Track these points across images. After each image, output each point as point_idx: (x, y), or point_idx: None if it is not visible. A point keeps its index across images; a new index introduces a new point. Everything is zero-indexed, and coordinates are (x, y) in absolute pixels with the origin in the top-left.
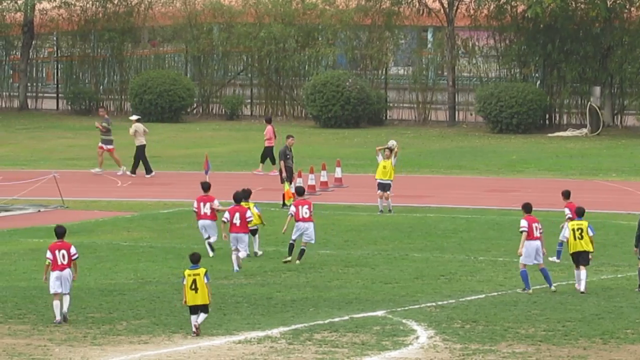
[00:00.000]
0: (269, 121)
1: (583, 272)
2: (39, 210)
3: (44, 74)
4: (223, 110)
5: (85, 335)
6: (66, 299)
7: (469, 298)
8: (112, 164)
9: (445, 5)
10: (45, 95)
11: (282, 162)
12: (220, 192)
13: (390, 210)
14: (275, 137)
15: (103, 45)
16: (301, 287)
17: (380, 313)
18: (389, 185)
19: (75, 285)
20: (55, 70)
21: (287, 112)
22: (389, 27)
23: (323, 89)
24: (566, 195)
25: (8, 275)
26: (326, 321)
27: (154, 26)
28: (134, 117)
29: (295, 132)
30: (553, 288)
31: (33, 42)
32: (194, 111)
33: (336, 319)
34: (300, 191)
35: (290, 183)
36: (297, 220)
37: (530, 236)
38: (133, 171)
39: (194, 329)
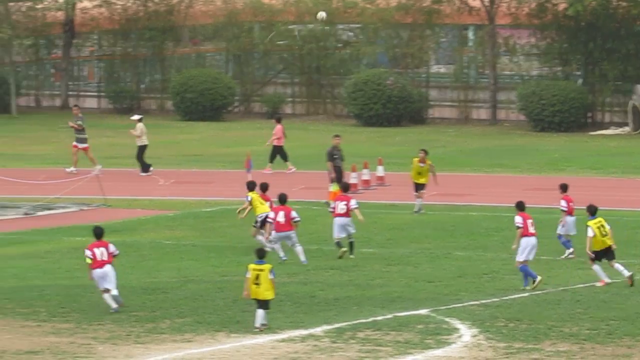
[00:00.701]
0: (278, 120)
1: (617, 264)
2: (82, 209)
3: (85, 73)
4: (264, 108)
5: (128, 334)
6: (107, 297)
7: (512, 296)
8: (88, 163)
9: (486, 4)
10: (87, 94)
11: (329, 163)
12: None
13: (420, 210)
14: (284, 136)
15: (144, 44)
16: (344, 286)
17: (423, 311)
18: (424, 185)
19: (119, 284)
20: (97, 69)
21: (328, 111)
22: (429, 25)
23: (364, 87)
24: (563, 188)
25: (51, 274)
26: (369, 320)
27: (194, 25)
28: (137, 117)
29: (336, 130)
30: (528, 287)
31: (74, 41)
32: (235, 110)
33: (379, 318)
34: (345, 187)
35: (340, 182)
36: (334, 216)
37: (525, 232)
38: (146, 170)
39: (256, 325)
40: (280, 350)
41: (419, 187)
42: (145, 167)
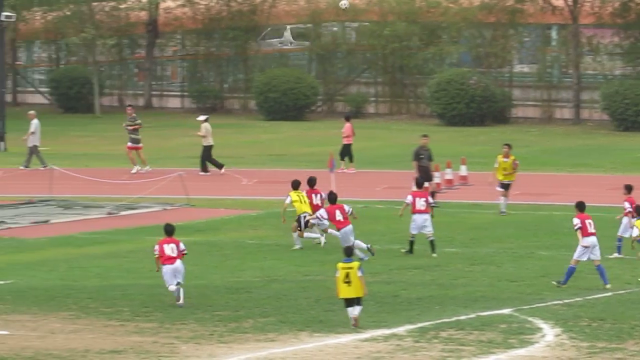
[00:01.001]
0: (347, 119)
1: None
2: (165, 209)
3: (168, 73)
4: (347, 108)
5: (212, 333)
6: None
7: (595, 296)
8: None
9: (570, 3)
10: (170, 93)
11: (415, 162)
12: (345, 190)
13: (504, 211)
14: (353, 134)
15: (227, 44)
16: (427, 285)
17: (506, 311)
18: (509, 185)
19: (201, 284)
20: (180, 69)
21: (411, 111)
22: (513, 24)
23: (447, 86)
24: (628, 189)
25: (135, 273)
26: (452, 319)
27: (277, 24)
28: (202, 117)
29: (419, 130)
30: (608, 286)
31: (157, 41)
32: (318, 109)
33: (462, 317)
34: (419, 183)
35: (430, 181)
36: (413, 212)
37: (585, 233)
38: (205, 169)
39: (352, 322)
40: (363, 350)
41: (504, 186)
42: (206, 168)
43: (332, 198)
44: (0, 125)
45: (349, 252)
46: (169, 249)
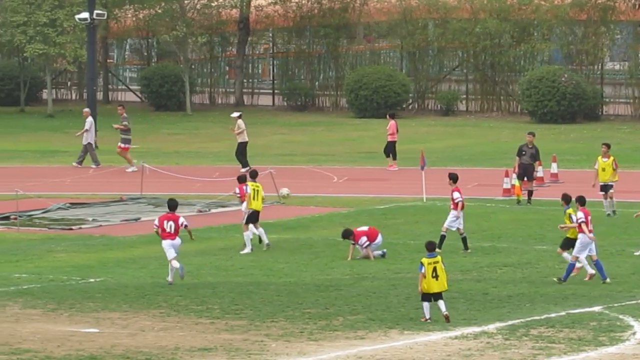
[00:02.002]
0: (392, 116)
1: None
2: None
3: (259, 70)
4: (438, 105)
5: (302, 331)
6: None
7: None
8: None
9: None
10: (261, 91)
11: (517, 158)
12: (435, 188)
13: (613, 213)
14: (397, 131)
15: (318, 41)
16: (517, 283)
17: (596, 308)
18: (611, 186)
19: (291, 281)
20: (271, 67)
21: (503, 108)
22: (604, 22)
23: (538, 84)
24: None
25: (225, 271)
26: (542, 317)
27: (369, 22)
28: (236, 114)
29: (510, 127)
30: (608, 280)
31: (249, 39)
32: (409, 107)
33: (553, 315)
34: (453, 177)
35: (530, 180)
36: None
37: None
38: (245, 166)
39: (445, 314)
40: (452, 347)
41: (605, 187)
42: (246, 164)
43: None
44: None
45: (431, 247)
46: (167, 226)
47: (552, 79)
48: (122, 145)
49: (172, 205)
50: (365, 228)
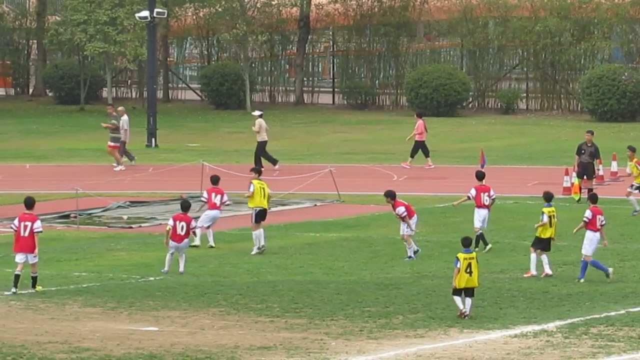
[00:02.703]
0: (420, 115)
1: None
2: (315, 205)
3: (319, 69)
4: (498, 104)
5: (361, 329)
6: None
7: None
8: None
9: None
10: (321, 89)
11: (577, 157)
12: (496, 186)
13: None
14: (426, 131)
15: (379, 40)
16: (577, 281)
17: None
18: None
19: (351, 280)
20: (331, 65)
21: (563, 106)
22: None
23: (599, 82)
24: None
25: (285, 269)
26: (602, 315)
27: (429, 20)
28: (257, 113)
29: (570, 125)
30: (582, 280)
31: (309, 37)
32: (470, 105)
33: (612, 313)
34: (480, 176)
35: (589, 179)
36: (478, 207)
37: (593, 227)
38: (275, 163)
39: (465, 314)
40: (512, 346)
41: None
42: (273, 161)
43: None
44: (152, 121)
45: (467, 243)
46: (179, 227)
47: (612, 77)
48: (112, 144)
49: (185, 206)
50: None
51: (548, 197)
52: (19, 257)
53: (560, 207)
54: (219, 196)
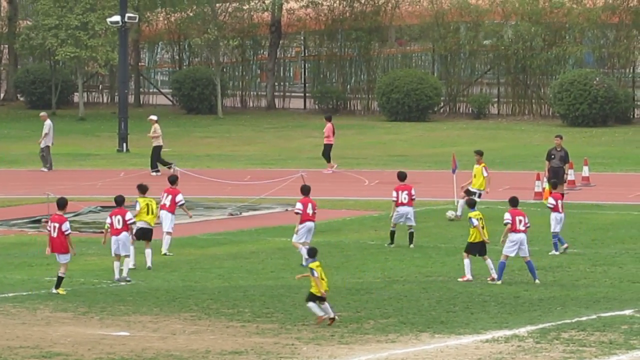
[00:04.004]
0: (329, 119)
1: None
2: (287, 210)
3: (291, 74)
4: (470, 109)
5: (332, 334)
6: (126, 262)
7: None
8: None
9: None
10: (293, 94)
11: (547, 162)
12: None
13: None
14: (334, 134)
15: (350, 45)
16: (548, 286)
17: (628, 312)
18: None
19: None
20: (303, 70)
21: (534, 111)
22: (636, 25)
23: (570, 87)
24: (554, 185)
25: (256, 274)
26: (574, 320)
27: (401, 25)
28: (154, 118)
29: (542, 130)
30: (537, 281)
31: (280, 42)
32: (441, 110)
33: (584, 318)
34: (554, 184)
35: (560, 183)
36: (397, 205)
37: (513, 228)
38: (156, 169)
39: (332, 316)
40: (484, 351)
41: None
42: (156, 166)
43: (305, 191)
44: (123, 126)
45: (312, 254)
46: (116, 221)
47: (583, 82)
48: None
49: (119, 200)
50: None
51: (471, 204)
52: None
53: (532, 212)
54: (169, 197)
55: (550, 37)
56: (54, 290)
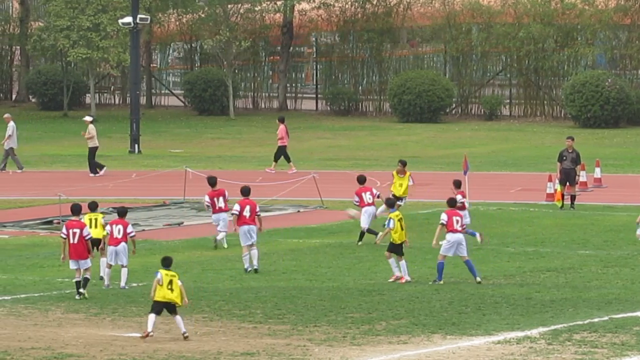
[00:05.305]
0: (282, 120)
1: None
2: (299, 211)
3: (303, 75)
4: (482, 110)
5: (344, 335)
6: (124, 272)
7: None
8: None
9: None
10: (304, 95)
11: (558, 164)
12: (480, 193)
13: None
14: (288, 136)
15: (362, 46)
16: (560, 288)
17: None
18: None
19: (334, 286)
20: (314, 71)
21: (546, 112)
22: None
23: (582, 89)
24: (457, 184)
25: (268, 275)
26: (585, 321)
27: (412, 26)
28: (89, 119)
29: (553, 132)
30: (478, 279)
31: (292, 43)
32: (453, 111)
33: (595, 320)
34: (360, 180)
35: (572, 185)
36: (362, 206)
37: (450, 228)
38: (95, 172)
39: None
40: (495, 352)
41: None
42: (94, 169)
43: (244, 192)
44: (135, 127)
45: (168, 263)
46: (116, 231)
47: (595, 84)
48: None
49: (122, 212)
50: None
51: (390, 203)
52: (72, 265)
53: (544, 213)
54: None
55: (562, 38)
56: (82, 290)
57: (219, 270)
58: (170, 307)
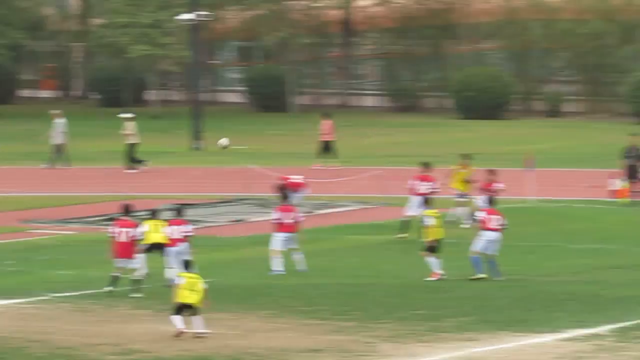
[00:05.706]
0: (327, 116)
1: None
2: (362, 207)
3: (364, 71)
4: (544, 106)
5: (411, 332)
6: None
7: None
8: None
9: None
10: (366, 92)
11: (623, 160)
12: (546, 190)
13: None
14: (333, 132)
15: (423, 42)
16: (628, 285)
17: None
18: None
19: (401, 282)
20: (375, 67)
21: (610, 109)
22: None
23: None
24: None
25: (333, 272)
26: None
27: (473, 22)
28: (128, 115)
29: (616, 129)
30: (498, 278)
31: (353, 39)
32: (515, 108)
33: None
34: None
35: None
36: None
37: (486, 226)
38: (132, 167)
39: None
40: (564, 349)
41: None
42: (132, 165)
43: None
44: (198, 124)
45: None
46: (175, 231)
47: None
48: None
49: (179, 210)
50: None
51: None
52: (119, 263)
53: (609, 210)
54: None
55: (625, 34)
56: (136, 295)
57: (285, 267)
58: (190, 309)
